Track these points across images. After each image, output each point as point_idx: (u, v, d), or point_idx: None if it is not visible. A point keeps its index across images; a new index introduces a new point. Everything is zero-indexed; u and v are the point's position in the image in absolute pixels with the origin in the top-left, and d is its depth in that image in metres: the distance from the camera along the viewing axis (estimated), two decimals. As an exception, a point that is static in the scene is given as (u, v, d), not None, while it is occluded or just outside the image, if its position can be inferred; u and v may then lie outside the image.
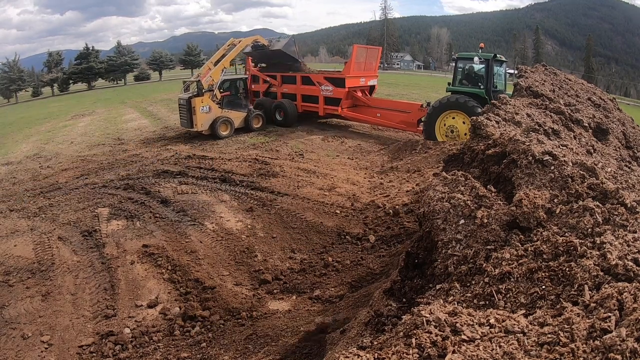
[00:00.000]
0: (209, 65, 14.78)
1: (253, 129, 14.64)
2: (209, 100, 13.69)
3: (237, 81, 14.92)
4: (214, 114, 13.83)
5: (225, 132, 14.02)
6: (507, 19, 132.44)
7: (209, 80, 14.00)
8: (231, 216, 7.73)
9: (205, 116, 13.71)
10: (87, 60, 43.76)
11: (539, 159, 3.16)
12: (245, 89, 14.93)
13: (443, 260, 2.70)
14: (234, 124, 14.22)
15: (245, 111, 14.61)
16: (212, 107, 13.77)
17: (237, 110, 14.43)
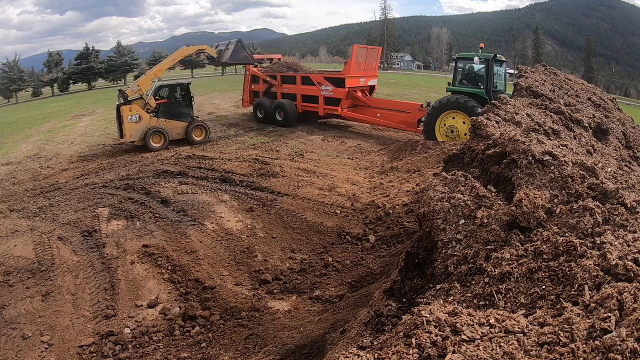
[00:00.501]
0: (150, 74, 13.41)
1: (194, 141, 13.03)
2: (139, 108, 12.40)
3: (175, 87, 13.54)
4: (145, 124, 12.46)
5: (158, 144, 12.57)
6: (507, 19, 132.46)
7: (135, 89, 12.77)
8: (231, 216, 7.73)
9: (135, 126, 12.39)
10: (87, 60, 43.74)
11: (539, 159, 3.16)
12: (186, 96, 13.42)
13: (443, 260, 2.70)
14: (168, 135, 12.80)
15: (186, 121, 13.11)
16: (143, 116, 12.40)
17: (176, 120, 13.01)
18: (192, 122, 13.28)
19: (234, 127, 15.98)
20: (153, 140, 12.59)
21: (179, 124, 13.07)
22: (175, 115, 13.09)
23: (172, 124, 12.96)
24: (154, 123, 12.65)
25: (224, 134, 14.72)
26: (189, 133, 13.08)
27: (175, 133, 13.02)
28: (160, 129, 12.65)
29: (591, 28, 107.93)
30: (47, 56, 45.64)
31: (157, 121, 12.70)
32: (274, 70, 16.80)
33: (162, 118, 12.83)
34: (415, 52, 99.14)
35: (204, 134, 13.40)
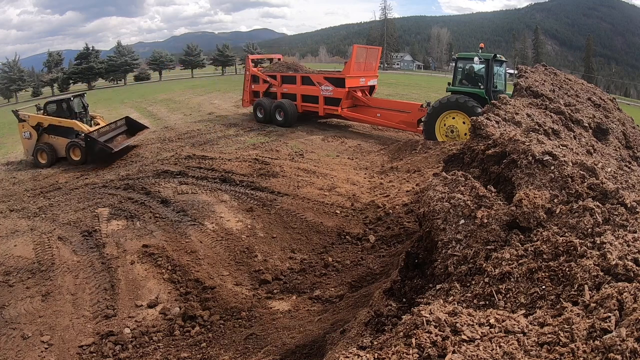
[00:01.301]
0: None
1: (72, 161, 12.09)
2: (29, 126, 12.44)
3: (61, 102, 13.07)
4: (34, 140, 12.43)
5: (44, 161, 12.26)
6: (507, 19, 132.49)
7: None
8: (231, 216, 7.73)
9: (28, 142, 12.52)
10: (87, 60, 43.76)
11: (539, 159, 3.16)
12: (71, 111, 12.89)
13: (443, 260, 2.70)
14: (57, 152, 12.37)
15: (69, 138, 12.22)
16: (33, 134, 12.39)
17: (63, 137, 12.31)
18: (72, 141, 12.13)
19: (234, 127, 15.98)
20: (39, 157, 12.44)
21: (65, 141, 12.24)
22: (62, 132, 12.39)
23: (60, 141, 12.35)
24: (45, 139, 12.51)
25: (224, 134, 14.72)
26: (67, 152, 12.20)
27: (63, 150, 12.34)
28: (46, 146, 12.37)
29: (591, 28, 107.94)
30: (47, 56, 45.66)
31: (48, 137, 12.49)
32: (274, 70, 16.79)
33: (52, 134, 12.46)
34: (415, 52, 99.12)
35: (80, 156, 12.06)
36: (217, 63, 52.39)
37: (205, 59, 52.49)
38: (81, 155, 11.99)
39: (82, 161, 12.01)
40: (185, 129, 15.74)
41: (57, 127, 12.32)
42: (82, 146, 11.83)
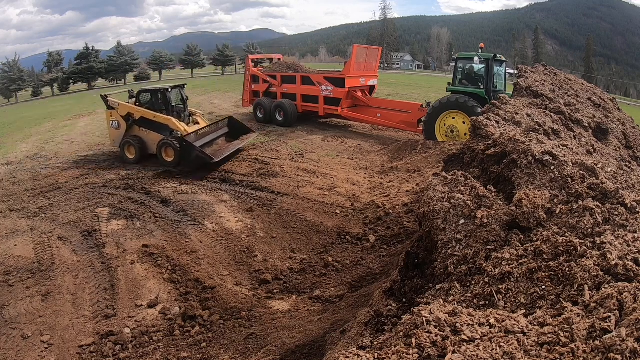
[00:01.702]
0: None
1: (163, 162, 10.71)
2: (118, 115, 11.30)
3: (157, 93, 11.51)
4: (122, 131, 11.34)
5: (131, 156, 11.26)
6: (507, 19, 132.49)
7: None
8: (231, 216, 7.73)
9: (115, 132, 11.54)
10: (87, 60, 43.74)
11: (539, 159, 3.16)
12: (167, 104, 11.33)
13: (443, 260, 2.70)
14: (147, 147, 11.17)
15: (163, 135, 10.91)
16: (122, 124, 11.28)
17: (156, 132, 11.03)
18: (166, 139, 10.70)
19: (234, 127, 15.95)
20: (126, 151, 11.40)
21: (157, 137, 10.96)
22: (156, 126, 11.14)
23: (151, 136, 11.11)
24: (134, 132, 11.34)
25: (224, 134, 14.70)
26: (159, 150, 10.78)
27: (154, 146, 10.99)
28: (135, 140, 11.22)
29: (591, 28, 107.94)
30: (47, 56, 45.62)
31: (138, 130, 11.32)
32: (274, 70, 16.79)
33: (143, 127, 11.25)
34: (415, 52, 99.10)
35: (174, 157, 10.55)
36: (217, 63, 52.37)
37: (205, 59, 52.46)
38: (175, 156, 10.51)
39: (175, 163, 10.56)
40: (185, 129, 15.72)
41: (150, 121, 11.09)
42: (176, 146, 10.33)
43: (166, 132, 10.96)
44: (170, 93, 11.44)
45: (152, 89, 11.73)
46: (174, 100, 11.61)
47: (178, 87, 12.01)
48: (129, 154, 11.36)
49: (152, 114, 11.04)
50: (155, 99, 11.43)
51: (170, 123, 10.89)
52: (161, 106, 11.34)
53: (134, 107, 11.25)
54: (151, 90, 11.67)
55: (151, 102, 11.41)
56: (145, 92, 11.62)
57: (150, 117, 11.03)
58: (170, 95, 11.45)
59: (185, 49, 52.36)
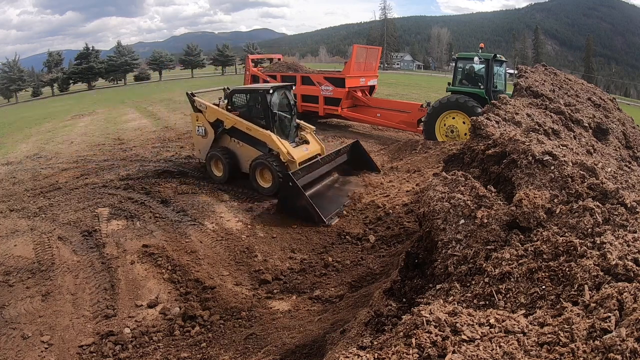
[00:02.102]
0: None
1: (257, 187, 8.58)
2: (205, 120, 9.24)
3: (255, 95, 8.81)
4: (209, 141, 9.23)
5: (219, 174, 9.17)
6: (507, 19, 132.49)
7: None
8: (231, 216, 7.73)
9: (201, 141, 9.38)
10: (87, 60, 43.78)
11: (539, 159, 3.17)
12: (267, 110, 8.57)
13: (443, 260, 2.70)
14: (240, 164, 8.99)
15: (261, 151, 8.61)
16: (209, 132, 9.20)
17: (252, 146, 8.74)
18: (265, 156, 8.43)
19: (234, 127, 15.97)
20: (213, 167, 9.31)
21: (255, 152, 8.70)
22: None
23: (246, 150, 8.83)
24: (224, 143, 9.19)
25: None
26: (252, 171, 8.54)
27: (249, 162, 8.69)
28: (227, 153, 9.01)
29: (591, 28, 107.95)
30: (47, 56, 45.67)
31: (229, 140, 9.09)
32: (274, 70, 16.80)
33: (235, 138, 8.99)
34: (415, 52, 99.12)
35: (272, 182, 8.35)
36: (217, 63, 52.40)
37: (205, 59, 52.51)
38: (273, 182, 8.24)
39: (271, 190, 8.25)
40: (185, 129, 15.74)
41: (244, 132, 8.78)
42: (275, 170, 8.09)
43: (264, 147, 8.57)
44: (272, 96, 8.56)
45: (249, 89, 9.24)
46: (276, 106, 8.73)
47: (283, 89, 9.09)
48: (217, 170, 9.18)
49: (247, 125, 8.56)
50: (252, 103, 8.84)
51: (268, 140, 8.32)
52: (259, 113, 8.69)
53: (225, 113, 8.91)
54: (248, 91, 9.10)
55: (247, 107, 8.93)
56: (240, 93, 9.12)
57: (243, 128, 8.63)
58: (272, 100, 8.58)
59: (185, 49, 52.38)
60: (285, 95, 9.03)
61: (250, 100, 8.90)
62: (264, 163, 8.24)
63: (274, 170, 8.07)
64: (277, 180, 8.01)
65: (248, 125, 8.58)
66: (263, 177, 8.41)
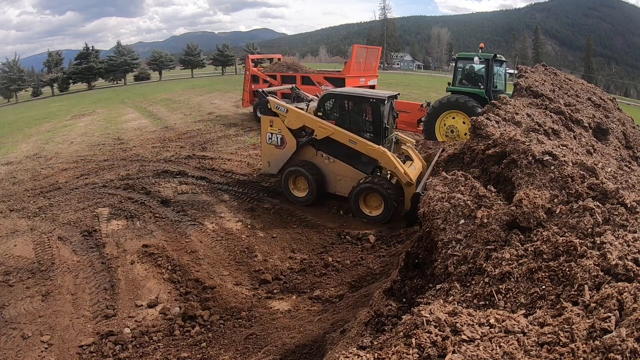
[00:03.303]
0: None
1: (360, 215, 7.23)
2: (284, 126, 7.63)
3: (366, 103, 7.33)
4: (288, 152, 7.71)
5: (301, 195, 7.76)
6: (507, 19, 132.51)
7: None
8: (231, 216, 7.73)
9: (275, 152, 7.84)
10: (87, 60, 43.75)
11: (539, 159, 3.17)
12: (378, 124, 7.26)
13: (443, 260, 2.70)
14: (327, 183, 7.63)
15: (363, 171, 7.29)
16: (288, 141, 7.64)
17: (348, 164, 7.39)
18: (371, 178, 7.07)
19: (234, 127, 15.98)
20: (292, 185, 7.89)
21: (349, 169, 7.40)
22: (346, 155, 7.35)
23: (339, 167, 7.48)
24: (308, 156, 7.73)
25: (224, 134, 14.71)
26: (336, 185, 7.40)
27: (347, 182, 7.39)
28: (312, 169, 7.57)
29: (591, 28, 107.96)
30: (47, 56, 45.65)
31: (315, 154, 7.67)
32: (274, 70, 16.80)
33: (321, 151, 7.58)
34: (415, 52, 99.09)
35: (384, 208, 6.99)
36: (217, 63, 52.38)
37: (205, 59, 52.48)
38: (384, 209, 6.96)
39: (382, 218, 7.00)
40: (185, 129, 15.75)
41: (341, 146, 7.30)
42: (390, 197, 6.80)
43: (366, 165, 7.23)
44: (385, 107, 7.14)
45: (356, 95, 7.48)
46: (387, 119, 7.31)
47: (392, 98, 7.60)
48: (297, 190, 7.80)
49: (351, 137, 7.12)
50: (357, 113, 7.39)
51: (383, 159, 6.99)
52: (367, 125, 7.30)
53: (317, 121, 7.39)
54: (353, 97, 7.42)
55: (347, 117, 7.42)
56: (341, 98, 7.45)
57: (345, 141, 7.16)
58: (384, 110, 7.16)
59: (185, 49, 52.36)
60: (392, 106, 7.64)
61: (356, 108, 7.37)
62: (374, 188, 6.87)
63: (387, 197, 6.78)
64: (390, 207, 6.84)
65: (354, 137, 7.08)
66: (369, 205, 7.17)
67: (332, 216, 7.58)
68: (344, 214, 7.54)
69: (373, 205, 7.11)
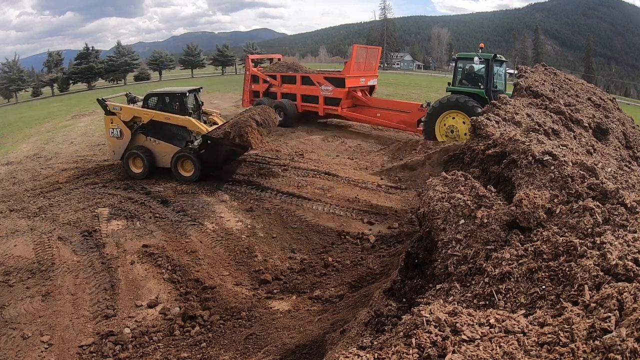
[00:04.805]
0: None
1: (180, 177, 9.59)
2: (120, 121, 9.84)
3: (173, 97, 9.92)
4: (125, 141, 9.86)
5: (138, 171, 9.88)
6: (507, 19, 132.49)
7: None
8: (231, 216, 7.73)
9: (116, 142, 9.96)
10: (87, 60, 43.71)
11: (539, 159, 3.17)
12: (184, 110, 9.84)
13: (443, 260, 2.70)
14: (156, 160, 9.87)
15: (177, 146, 9.73)
16: (125, 133, 9.84)
17: (167, 142, 9.79)
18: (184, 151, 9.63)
19: (234, 127, 15.96)
20: (132, 165, 10.00)
21: (170, 148, 9.78)
22: (168, 136, 9.90)
23: (162, 148, 9.86)
24: (140, 142, 9.97)
25: (224, 134, 14.70)
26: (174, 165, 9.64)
27: (165, 159, 9.85)
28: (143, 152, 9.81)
29: (591, 28, 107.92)
30: (47, 56, 45.61)
31: (145, 139, 9.95)
32: (274, 70, 16.79)
33: (151, 137, 9.90)
34: (415, 52, 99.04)
35: (194, 171, 9.52)
36: (217, 63, 52.34)
37: (205, 59, 52.43)
38: (194, 169, 9.45)
39: (195, 177, 9.45)
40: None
41: (160, 129, 9.75)
42: (196, 156, 9.35)
43: (181, 141, 9.79)
44: (187, 98, 9.89)
45: (167, 92, 10.15)
46: (190, 107, 10.10)
47: (194, 92, 10.39)
48: (135, 167, 9.95)
49: (166, 116, 9.63)
50: (169, 104, 9.90)
51: (189, 124, 9.57)
52: (176, 112, 9.89)
53: (142, 110, 9.85)
54: (166, 94, 10.02)
55: (164, 108, 9.90)
56: (156, 96, 9.98)
57: (163, 119, 9.63)
58: (187, 101, 9.92)
59: (185, 49, 52.33)
60: (195, 97, 10.47)
61: (170, 101, 9.96)
62: (184, 155, 9.55)
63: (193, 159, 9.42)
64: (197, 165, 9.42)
65: (168, 115, 9.69)
66: (185, 168, 9.67)
67: (332, 216, 7.59)
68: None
69: (188, 168, 9.63)
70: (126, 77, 46.78)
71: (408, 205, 7.83)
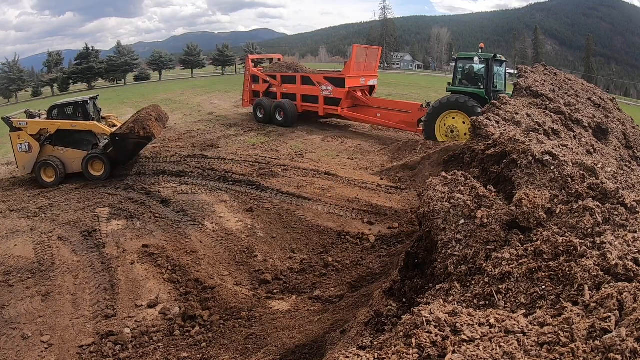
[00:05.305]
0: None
1: (91, 177, 10.13)
2: (27, 135, 10.13)
3: (71, 106, 10.64)
4: (34, 154, 10.12)
5: (50, 180, 10.08)
6: (507, 19, 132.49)
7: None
8: (231, 216, 7.73)
9: (26, 157, 10.19)
10: (87, 60, 43.71)
11: (539, 159, 3.17)
12: (87, 116, 10.64)
13: (443, 260, 2.70)
14: (66, 167, 10.26)
15: (85, 150, 10.24)
16: (33, 145, 10.09)
17: (75, 149, 10.27)
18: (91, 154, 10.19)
19: (234, 127, 15.98)
20: (44, 175, 10.21)
21: (78, 153, 10.26)
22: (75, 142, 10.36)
23: (70, 154, 10.29)
24: (50, 152, 10.26)
25: (224, 134, 14.72)
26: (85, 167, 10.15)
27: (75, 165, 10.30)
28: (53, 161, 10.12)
29: (591, 28, 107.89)
30: (47, 56, 45.61)
31: (53, 149, 10.27)
32: (274, 70, 16.79)
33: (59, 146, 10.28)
34: (415, 52, 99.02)
35: (104, 170, 10.16)
36: (217, 63, 52.34)
37: (205, 59, 52.43)
38: (104, 168, 10.13)
39: (105, 175, 10.13)
40: (185, 129, 15.74)
41: (67, 137, 10.29)
42: (104, 160, 10.07)
43: (87, 145, 10.39)
44: (89, 105, 10.77)
45: (69, 102, 10.91)
46: (92, 113, 10.94)
47: (93, 99, 11.38)
48: (47, 177, 10.16)
49: (71, 123, 10.24)
50: (73, 113, 10.59)
51: (95, 128, 10.33)
52: (80, 120, 10.57)
53: (49, 121, 10.30)
54: (68, 104, 10.75)
55: (68, 117, 10.51)
56: (59, 107, 10.60)
57: (69, 127, 10.21)
58: (89, 108, 10.80)
59: (185, 49, 52.32)
60: (94, 104, 11.35)
61: (74, 110, 10.65)
62: (93, 156, 10.15)
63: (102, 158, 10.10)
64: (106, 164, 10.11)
65: (73, 123, 10.28)
66: (95, 169, 10.26)
67: (332, 216, 7.59)
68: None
69: (97, 168, 10.22)
70: (126, 77, 46.78)
71: (408, 205, 7.84)
